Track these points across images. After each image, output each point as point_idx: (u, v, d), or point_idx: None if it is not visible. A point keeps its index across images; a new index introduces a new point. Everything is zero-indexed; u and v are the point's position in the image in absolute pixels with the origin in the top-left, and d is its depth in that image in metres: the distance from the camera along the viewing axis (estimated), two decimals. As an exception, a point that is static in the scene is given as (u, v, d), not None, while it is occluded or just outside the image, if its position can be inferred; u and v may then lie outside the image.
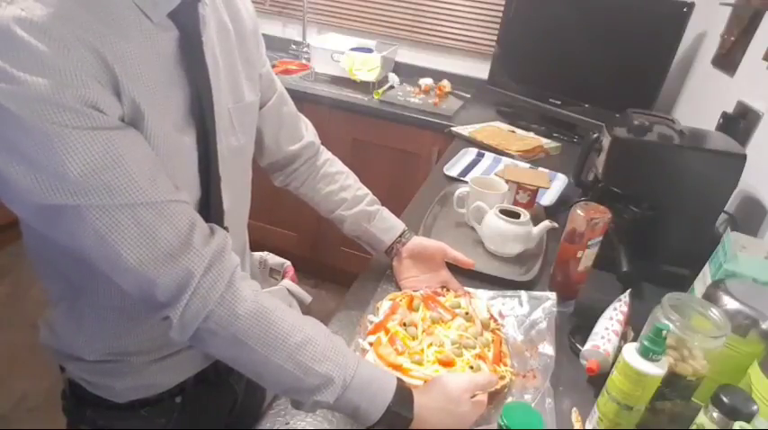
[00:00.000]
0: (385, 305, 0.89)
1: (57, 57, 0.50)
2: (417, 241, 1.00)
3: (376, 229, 0.98)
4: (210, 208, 0.71)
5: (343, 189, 0.98)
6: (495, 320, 0.89)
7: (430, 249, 0.99)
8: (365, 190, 1.01)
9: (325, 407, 0.65)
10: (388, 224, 1.00)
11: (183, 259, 0.59)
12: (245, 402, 0.96)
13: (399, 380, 0.68)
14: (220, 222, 0.75)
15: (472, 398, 0.71)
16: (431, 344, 0.80)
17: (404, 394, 0.66)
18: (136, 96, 0.57)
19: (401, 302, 0.88)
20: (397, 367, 0.75)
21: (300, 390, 0.64)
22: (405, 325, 0.82)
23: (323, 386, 0.63)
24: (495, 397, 0.77)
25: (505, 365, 0.80)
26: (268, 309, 0.64)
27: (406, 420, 0.65)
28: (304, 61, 2.46)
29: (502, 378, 0.77)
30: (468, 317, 0.86)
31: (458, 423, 0.69)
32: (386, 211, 1.01)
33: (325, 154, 1.01)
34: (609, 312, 0.89)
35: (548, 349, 0.84)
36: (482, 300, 0.93)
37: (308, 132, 0.97)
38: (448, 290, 0.95)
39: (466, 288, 0.97)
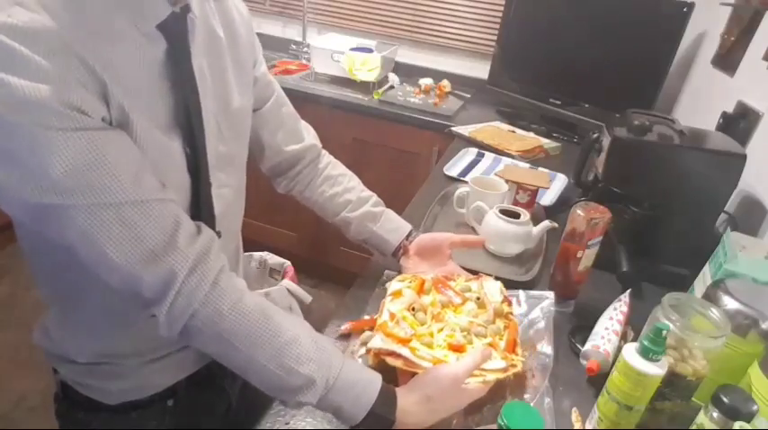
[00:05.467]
0: (394, 285, 0.87)
1: (41, 61, 0.50)
2: (423, 236, 1.00)
3: (383, 230, 0.98)
4: (201, 213, 0.72)
5: (347, 191, 0.98)
6: (510, 303, 0.87)
7: (437, 239, 0.99)
8: (369, 192, 1.01)
9: (309, 405, 0.66)
10: (394, 225, 0.99)
11: (168, 259, 0.59)
12: (241, 407, 0.96)
13: (384, 383, 0.67)
14: (211, 227, 0.75)
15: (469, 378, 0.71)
16: (441, 329, 0.79)
17: (388, 396, 0.67)
18: (124, 102, 0.57)
19: (411, 285, 0.86)
20: (406, 342, 0.74)
21: (283, 390, 0.65)
22: (414, 309, 0.81)
23: (305, 387, 0.64)
24: (497, 391, 0.75)
25: (516, 354, 0.78)
26: (253, 309, 0.64)
27: (389, 422, 0.66)
28: (304, 61, 2.46)
29: (513, 366, 0.75)
30: (479, 302, 0.84)
31: (444, 415, 0.69)
32: (391, 213, 1.01)
33: (327, 157, 1.01)
34: (609, 312, 0.89)
35: (546, 348, 0.84)
36: (496, 282, 0.91)
37: (309, 135, 0.97)
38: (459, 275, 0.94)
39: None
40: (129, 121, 0.58)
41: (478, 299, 0.85)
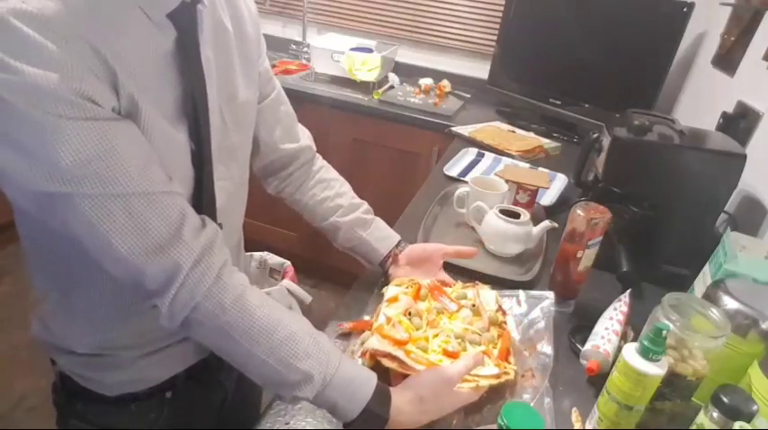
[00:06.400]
0: (391, 291, 0.88)
1: (54, 48, 0.50)
2: (414, 246, 1.00)
3: (372, 238, 0.97)
4: (203, 204, 0.72)
5: (338, 196, 0.97)
6: (504, 313, 0.87)
7: (428, 250, 0.99)
8: (360, 199, 1.00)
9: (304, 400, 0.66)
10: (383, 234, 0.98)
11: (173, 251, 0.59)
12: (236, 399, 0.96)
13: (380, 382, 0.68)
14: (213, 219, 0.75)
15: (462, 382, 0.71)
16: (436, 335, 0.79)
17: (383, 394, 0.67)
18: (133, 92, 0.58)
19: (407, 292, 0.87)
20: (402, 343, 0.75)
21: (281, 385, 0.66)
22: (410, 314, 0.81)
23: (303, 382, 0.64)
24: (497, 392, 0.76)
25: (509, 363, 0.79)
26: (254, 304, 0.65)
27: (382, 420, 0.66)
28: (304, 61, 2.46)
29: (506, 373, 0.76)
30: (474, 309, 0.85)
31: (435, 417, 0.70)
32: (381, 222, 1.00)
33: (321, 161, 1.00)
34: (609, 312, 0.89)
35: (546, 348, 0.84)
36: (491, 291, 0.91)
37: (305, 137, 0.97)
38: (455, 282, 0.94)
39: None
40: (137, 111, 0.59)
41: (474, 306, 0.86)
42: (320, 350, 0.66)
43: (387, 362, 0.73)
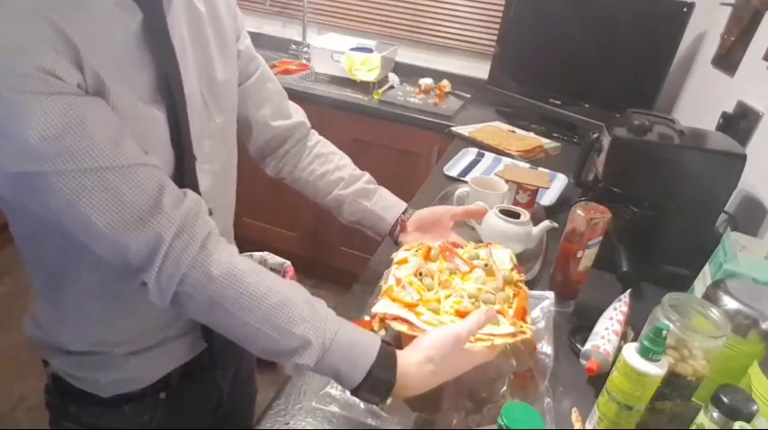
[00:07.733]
0: (400, 254, 0.85)
1: (11, 26, 0.50)
2: (421, 211, 0.97)
3: (377, 207, 0.94)
4: (184, 185, 0.69)
5: (338, 168, 0.95)
6: (520, 271, 0.85)
7: (437, 213, 0.96)
8: (361, 171, 0.98)
9: (307, 369, 0.64)
10: (389, 202, 0.96)
11: (153, 223, 0.58)
12: (232, 399, 0.95)
13: (384, 345, 0.65)
14: None
15: (475, 342, 0.68)
16: (448, 296, 0.77)
17: (387, 358, 0.65)
18: (99, 70, 0.57)
19: (417, 253, 0.84)
20: (412, 306, 0.72)
21: (279, 353, 0.64)
22: (420, 274, 0.79)
23: (301, 348, 0.62)
24: (497, 391, 0.75)
25: (525, 322, 0.75)
26: (243, 271, 0.63)
27: (389, 384, 0.64)
28: (304, 61, 2.46)
29: (522, 332, 0.72)
30: (487, 269, 0.82)
31: (447, 377, 0.67)
32: (385, 191, 0.98)
33: (316, 136, 0.98)
34: (609, 312, 0.89)
35: (546, 348, 0.84)
36: (505, 250, 0.88)
37: (298, 113, 0.95)
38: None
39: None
40: (104, 89, 0.58)
41: (486, 266, 0.83)
42: (316, 315, 0.64)
43: (397, 325, 0.70)
